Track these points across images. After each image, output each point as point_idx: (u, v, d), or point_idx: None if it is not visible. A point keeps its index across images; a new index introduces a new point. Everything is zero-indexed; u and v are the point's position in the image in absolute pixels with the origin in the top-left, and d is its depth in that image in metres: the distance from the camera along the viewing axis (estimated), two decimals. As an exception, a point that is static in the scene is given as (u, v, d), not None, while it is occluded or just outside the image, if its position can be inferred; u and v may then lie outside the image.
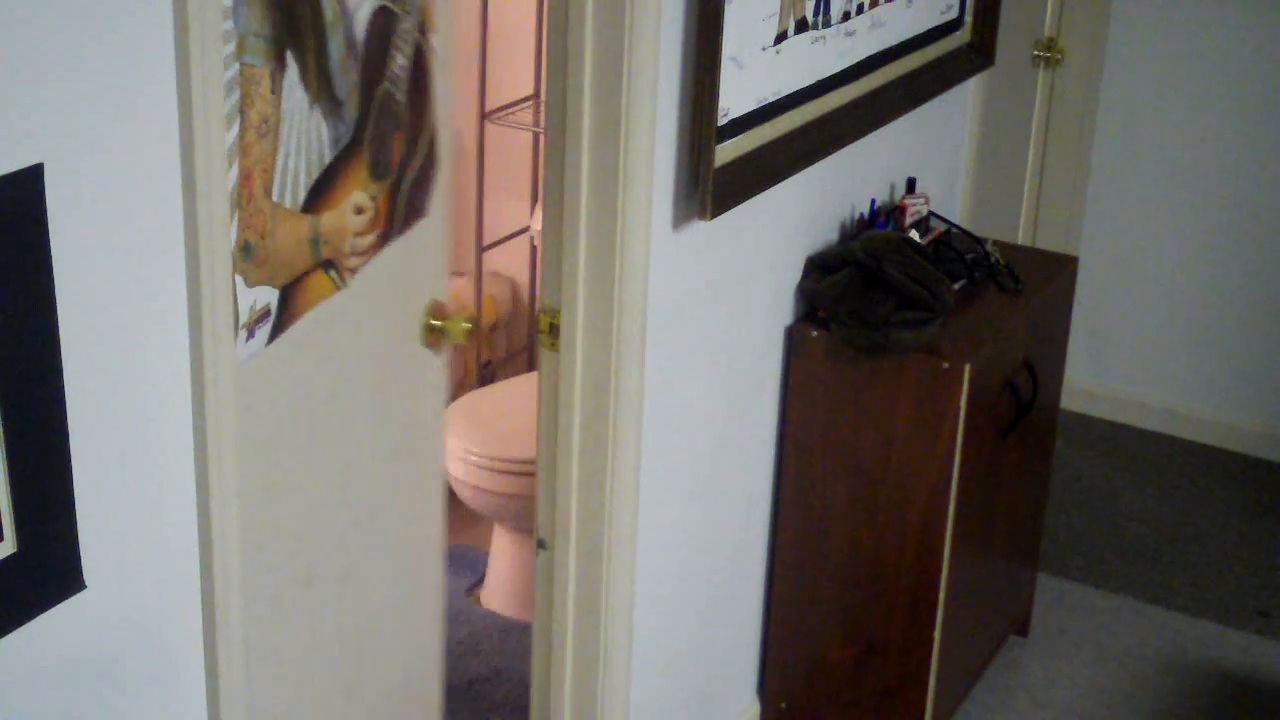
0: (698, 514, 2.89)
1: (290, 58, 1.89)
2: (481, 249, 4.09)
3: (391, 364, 2.28)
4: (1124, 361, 4.75)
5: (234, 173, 1.82)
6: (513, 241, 4.16)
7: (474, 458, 3.48)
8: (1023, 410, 3.20)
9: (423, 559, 2.46)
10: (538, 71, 3.95)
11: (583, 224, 2.44)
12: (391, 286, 2.23)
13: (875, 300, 2.90)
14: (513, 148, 4.08)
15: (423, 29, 2.20)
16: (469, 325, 2.32)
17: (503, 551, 3.65)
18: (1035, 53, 4.44)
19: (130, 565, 1.78)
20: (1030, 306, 3.21)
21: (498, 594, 3.67)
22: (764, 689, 3.29)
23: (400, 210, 2.21)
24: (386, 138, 2.14)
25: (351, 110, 2.04)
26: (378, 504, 2.29)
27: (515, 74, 4.04)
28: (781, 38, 2.69)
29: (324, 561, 2.18)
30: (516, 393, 3.66)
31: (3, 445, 1.59)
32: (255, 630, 1.98)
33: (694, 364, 2.75)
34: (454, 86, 4.15)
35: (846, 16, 2.90)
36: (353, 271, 2.11)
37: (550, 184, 2.47)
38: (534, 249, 4.11)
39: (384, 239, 2.18)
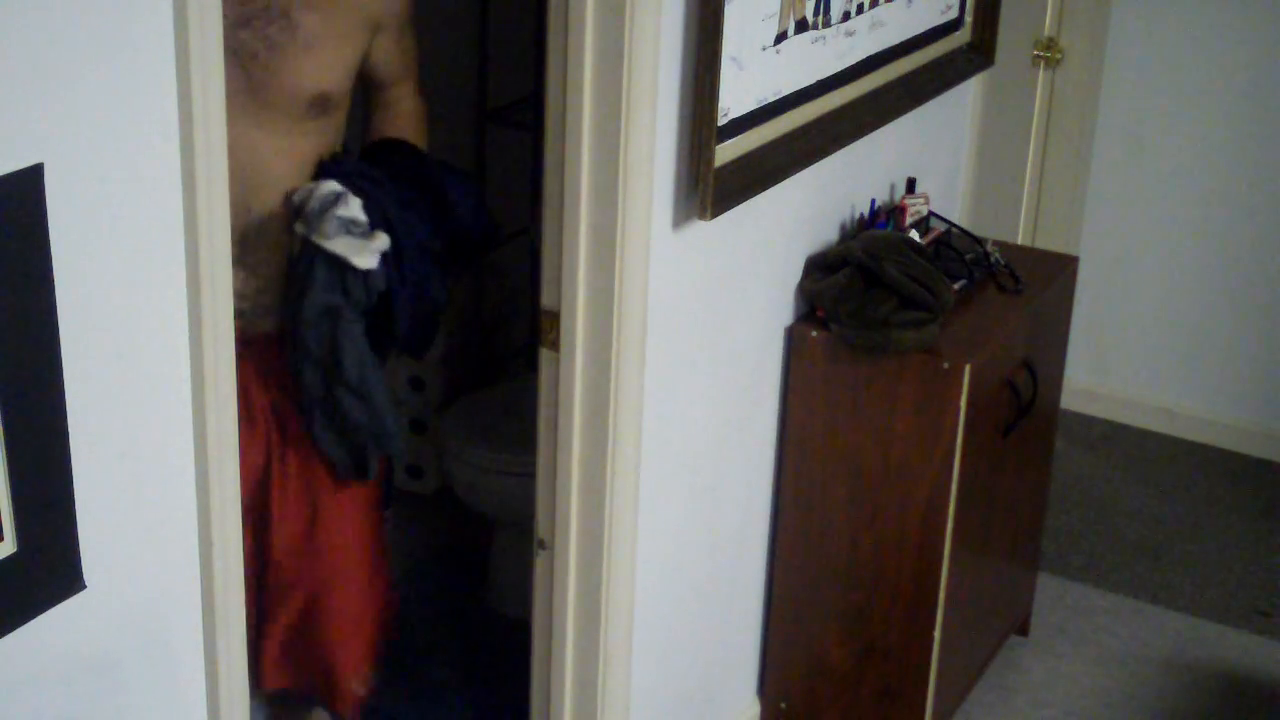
0: (698, 514, 2.89)
1: None
2: (481, 249, 4.09)
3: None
4: (1124, 361, 4.75)
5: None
6: (513, 241, 4.15)
7: (474, 458, 3.48)
8: (1023, 410, 3.20)
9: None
10: (538, 71, 3.95)
11: (583, 224, 2.44)
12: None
13: (875, 300, 2.90)
14: (513, 148, 4.08)
15: None
16: None
17: (503, 551, 3.65)
18: (1035, 53, 4.44)
19: (130, 565, 1.79)
20: (1030, 306, 3.21)
21: (498, 594, 3.67)
22: (764, 689, 3.29)
23: None
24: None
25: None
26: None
27: (515, 74, 4.04)
28: (781, 38, 2.69)
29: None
30: (516, 393, 3.66)
31: (3, 445, 1.59)
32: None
33: (694, 363, 2.75)
34: (454, 86, 4.15)
35: (846, 16, 2.90)
36: None
37: (550, 184, 2.47)
38: (534, 249, 4.11)
39: None
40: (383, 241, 2.49)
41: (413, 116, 2.76)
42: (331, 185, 2.49)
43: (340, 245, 2.46)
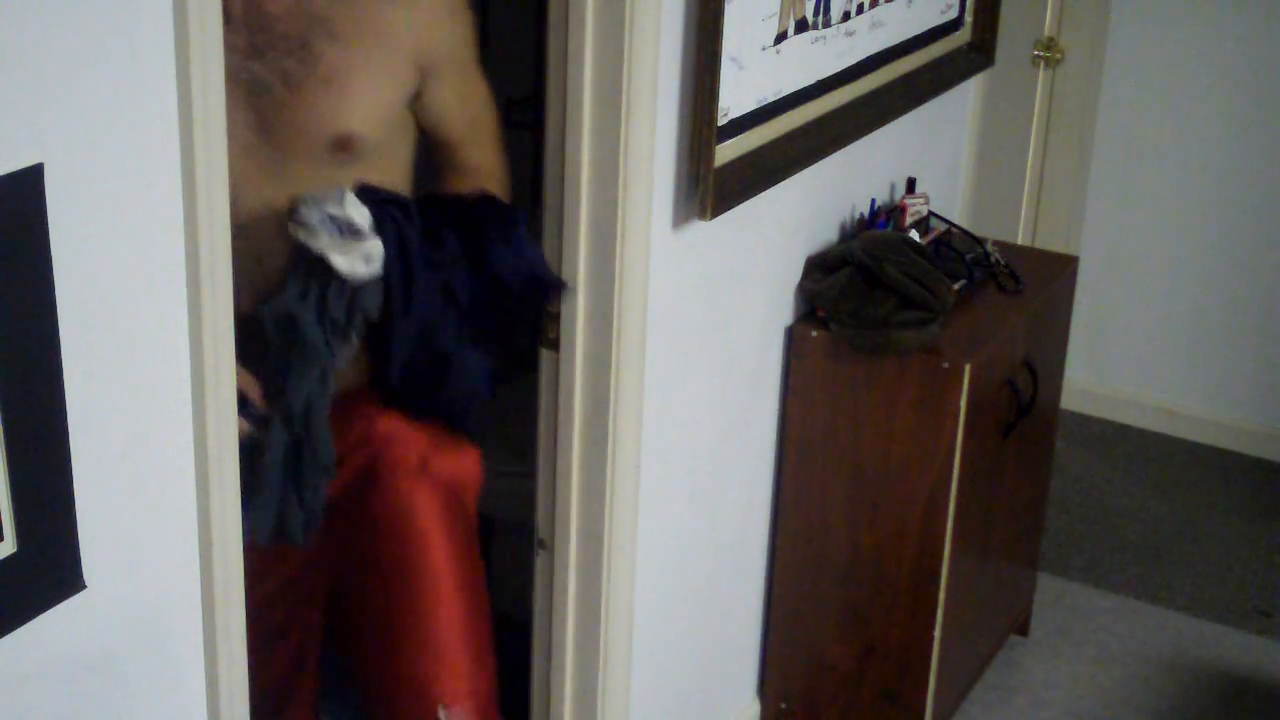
0: (698, 514, 2.89)
1: None
2: (481, 249, 4.08)
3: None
4: (1124, 361, 4.75)
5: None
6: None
7: (474, 458, 3.47)
8: (1023, 410, 3.20)
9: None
10: (538, 71, 3.95)
11: (583, 224, 2.44)
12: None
13: (875, 300, 2.90)
14: (513, 148, 4.07)
15: None
16: None
17: (503, 551, 3.65)
18: (1035, 53, 4.44)
19: (130, 565, 1.78)
20: (1030, 306, 3.21)
21: (498, 594, 3.66)
22: (764, 689, 3.28)
23: None
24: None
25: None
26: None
27: (515, 74, 4.03)
28: (781, 38, 2.69)
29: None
30: (516, 393, 3.65)
31: (3, 445, 1.59)
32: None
33: (694, 364, 2.75)
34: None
35: (846, 16, 2.90)
36: None
37: (550, 184, 2.47)
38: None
39: None
40: (372, 246, 2.18)
41: (484, 177, 2.42)
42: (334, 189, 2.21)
43: (322, 241, 2.17)
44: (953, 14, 3.39)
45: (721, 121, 2.55)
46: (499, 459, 3.47)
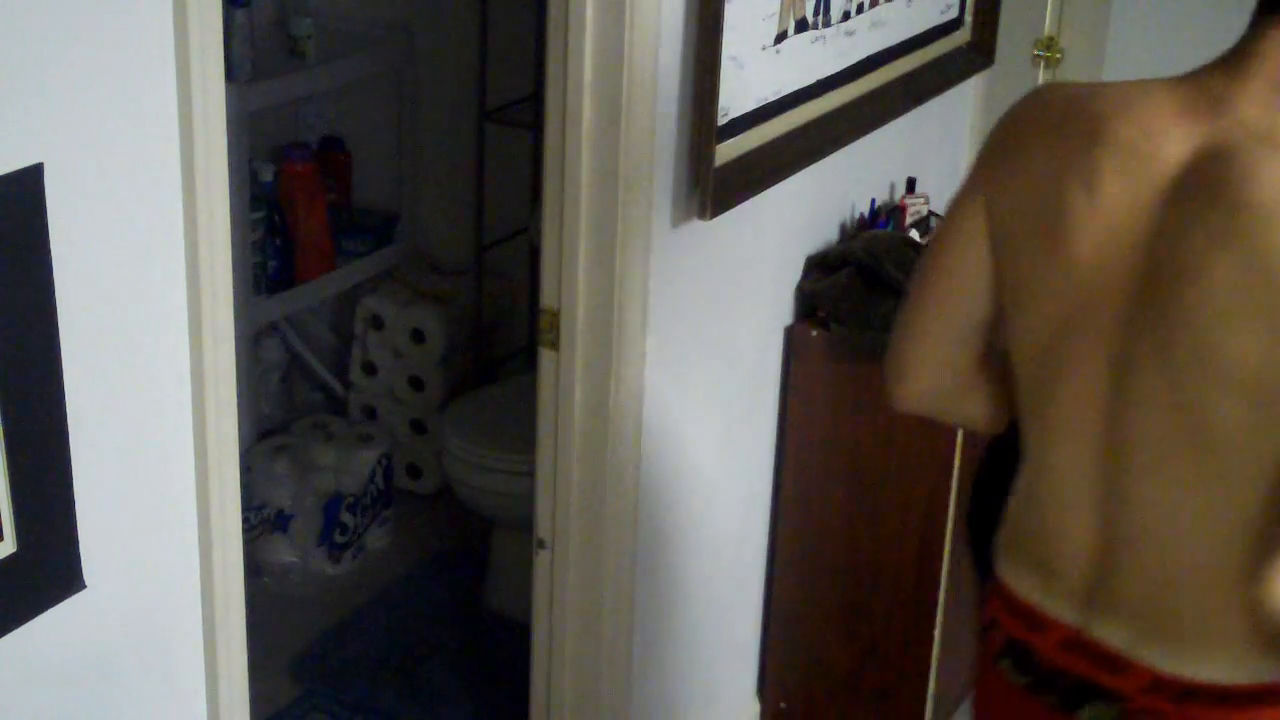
0: (698, 513, 2.89)
1: None
2: (481, 249, 4.09)
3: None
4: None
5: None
6: (512, 241, 4.15)
7: (474, 458, 3.47)
8: (1023, 410, 3.19)
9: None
10: (538, 71, 3.95)
11: (583, 224, 2.44)
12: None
13: (875, 300, 2.90)
14: (513, 148, 4.08)
15: None
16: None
17: (502, 551, 3.65)
18: (1035, 52, 4.44)
19: (130, 565, 1.79)
20: (1030, 306, 3.20)
21: (498, 594, 3.67)
22: (764, 689, 3.28)
23: None
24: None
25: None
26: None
27: (515, 74, 4.03)
28: (781, 37, 2.69)
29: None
30: (516, 393, 3.66)
31: (3, 445, 1.59)
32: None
33: (694, 364, 2.75)
34: (454, 86, 4.15)
35: (846, 16, 2.90)
36: None
37: (550, 184, 2.47)
38: (534, 249, 4.11)
39: None
40: None
41: None
42: None
43: None
44: (953, 14, 3.39)
45: (721, 121, 2.55)
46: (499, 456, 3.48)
